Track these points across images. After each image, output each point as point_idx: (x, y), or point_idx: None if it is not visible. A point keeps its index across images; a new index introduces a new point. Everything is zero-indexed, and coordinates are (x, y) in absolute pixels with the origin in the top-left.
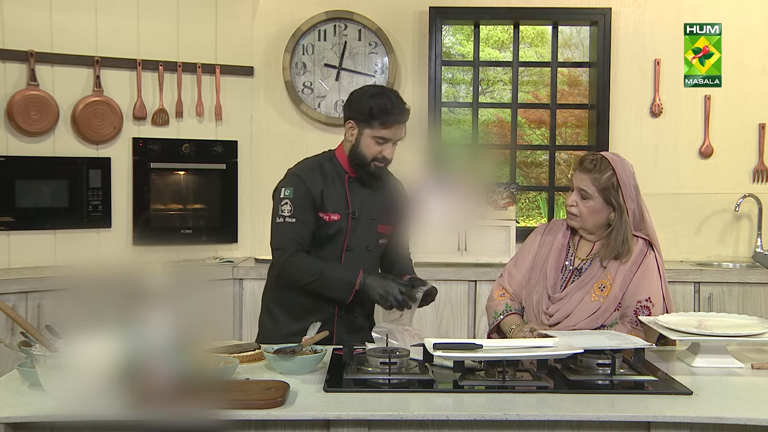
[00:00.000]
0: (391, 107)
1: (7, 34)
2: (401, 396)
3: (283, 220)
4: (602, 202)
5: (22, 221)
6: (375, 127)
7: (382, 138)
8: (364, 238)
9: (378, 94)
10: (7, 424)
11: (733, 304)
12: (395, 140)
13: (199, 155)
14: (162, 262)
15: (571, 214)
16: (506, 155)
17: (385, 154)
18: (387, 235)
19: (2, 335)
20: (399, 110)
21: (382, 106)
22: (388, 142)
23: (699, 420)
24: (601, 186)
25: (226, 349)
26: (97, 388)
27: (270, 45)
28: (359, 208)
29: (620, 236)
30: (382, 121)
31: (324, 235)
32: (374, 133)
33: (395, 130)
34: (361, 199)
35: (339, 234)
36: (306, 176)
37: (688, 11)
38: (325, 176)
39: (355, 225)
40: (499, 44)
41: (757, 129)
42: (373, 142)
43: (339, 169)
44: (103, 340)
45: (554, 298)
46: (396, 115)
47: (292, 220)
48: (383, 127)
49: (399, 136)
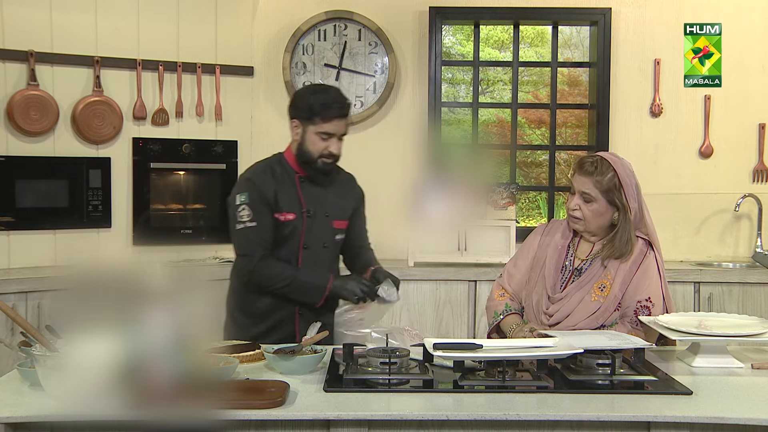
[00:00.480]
0: (331, 102)
1: (7, 34)
2: (401, 396)
3: (244, 225)
4: (606, 204)
5: (22, 221)
6: (317, 123)
7: (325, 133)
8: (320, 235)
9: (318, 90)
10: (7, 424)
11: (733, 304)
12: (339, 135)
13: (199, 155)
14: (162, 262)
15: (573, 218)
16: (506, 155)
17: (331, 149)
18: (343, 231)
19: (2, 335)
20: (339, 104)
21: (322, 101)
22: (332, 137)
23: (699, 420)
24: (604, 188)
25: (226, 349)
26: (97, 388)
27: (270, 45)
28: (313, 206)
29: (624, 236)
30: (323, 116)
31: (280, 235)
32: (317, 129)
33: (337, 124)
34: (314, 196)
35: (294, 233)
36: (258, 179)
37: (688, 11)
38: (276, 178)
39: (310, 223)
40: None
41: (757, 129)
42: (318, 138)
43: (289, 169)
44: (103, 340)
45: (554, 299)
46: (336, 109)
47: (253, 224)
48: (325, 122)
49: (342, 130)
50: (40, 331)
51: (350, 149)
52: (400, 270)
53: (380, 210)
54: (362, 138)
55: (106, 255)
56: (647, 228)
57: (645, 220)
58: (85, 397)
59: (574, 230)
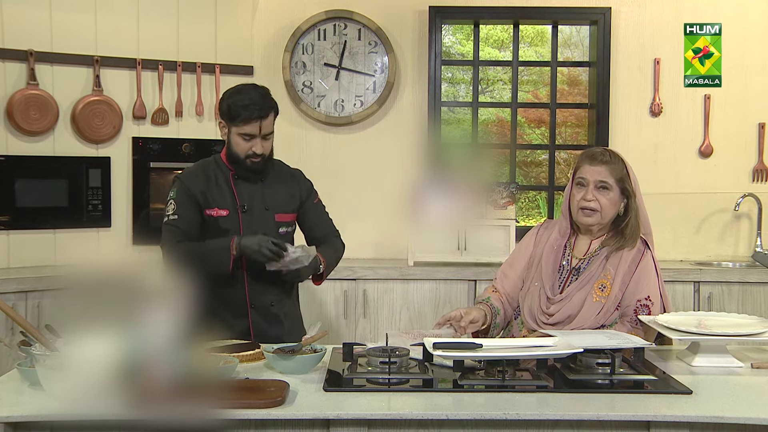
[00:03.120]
0: (248, 104)
1: (7, 34)
2: (401, 395)
3: (167, 218)
4: (619, 193)
5: (22, 221)
6: (237, 125)
7: (247, 134)
8: (261, 229)
9: (236, 92)
10: (7, 424)
11: (733, 303)
12: (262, 135)
13: (198, 155)
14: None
15: (588, 209)
16: (506, 155)
17: (255, 149)
18: (290, 223)
19: (2, 335)
20: (255, 106)
21: (238, 103)
22: (255, 138)
23: (699, 419)
24: (618, 176)
25: (226, 349)
26: (97, 388)
27: (270, 44)
28: (248, 200)
29: (635, 222)
30: (242, 118)
31: (219, 231)
32: (239, 131)
33: (256, 125)
34: (250, 192)
35: (232, 228)
36: (186, 178)
37: (688, 11)
38: (208, 177)
39: (247, 218)
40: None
41: (757, 129)
42: (241, 139)
43: (223, 168)
44: (103, 340)
45: (553, 299)
46: (252, 111)
47: (175, 217)
48: (244, 124)
49: (265, 131)
50: (40, 331)
51: (350, 149)
52: (400, 269)
53: (380, 210)
54: (362, 138)
55: (105, 255)
56: (644, 226)
57: (642, 217)
58: (85, 397)
59: (572, 229)
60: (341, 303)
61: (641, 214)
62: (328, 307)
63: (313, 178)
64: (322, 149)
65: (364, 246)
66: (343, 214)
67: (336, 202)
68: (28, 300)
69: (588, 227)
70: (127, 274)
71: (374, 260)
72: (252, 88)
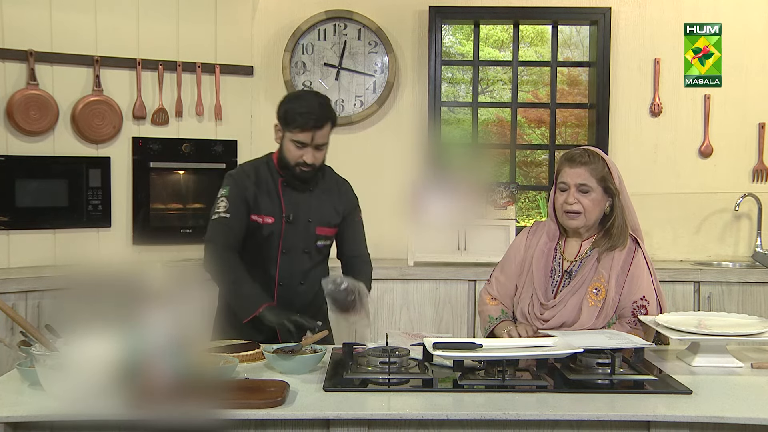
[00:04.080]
0: (305, 111)
1: (6, 34)
2: (401, 396)
3: (218, 215)
4: (602, 192)
5: (22, 221)
6: (292, 131)
7: (299, 142)
8: (300, 240)
9: (296, 97)
10: (7, 424)
11: (733, 303)
12: (315, 145)
13: (198, 155)
14: (162, 261)
15: (572, 213)
16: (506, 155)
17: (305, 158)
18: (328, 237)
19: (2, 335)
20: (312, 114)
21: (296, 109)
22: (307, 146)
23: (699, 419)
24: (599, 175)
25: (225, 349)
26: (97, 388)
27: (270, 44)
28: (294, 211)
29: (621, 221)
30: (296, 124)
31: (260, 237)
32: (292, 137)
33: (310, 134)
34: (297, 201)
35: (272, 237)
36: (239, 178)
37: (688, 11)
38: (259, 180)
39: (290, 228)
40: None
41: (756, 129)
42: (293, 146)
43: (274, 173)
44: (103, 340)
45: (547, 305)
46: (308, 119)
47: (227, 216)
48: (299, 131)
49: (318, 141)
50: (40, 331)
51: (350, 149)
52: (400, 269)
53: (380, 210)
54: (362, 137)
55: (105, 255)
56: (632, 222)
57: (629, 215)
58: (85, 397)
59: (560, 231)
60: None
61: (628, 211)
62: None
63: None
64: None
65: None
66: None
67: None
68: (28, 300)
69: (575, 230)
70: (127, 274)
71: (374, 260)
72: (312, 95)
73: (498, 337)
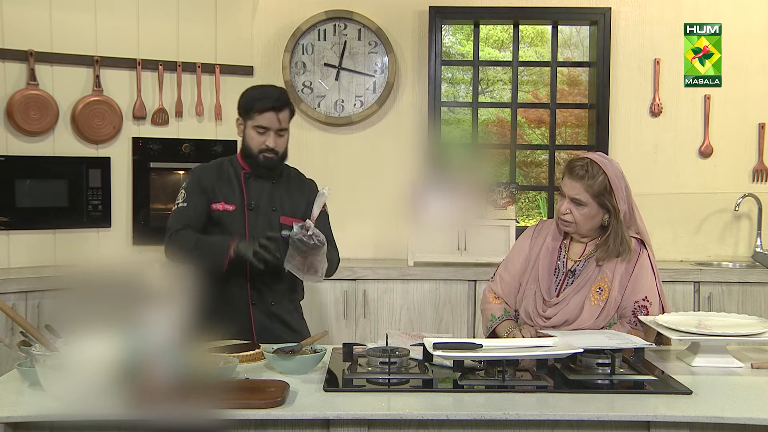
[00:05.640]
0: (263, 97)
1: (6, 34)
2: (401, 396)
3: (176, 206)
4: (597, 207)
5: (22, 221)
6: (252, 117)
7: (261, 127)
8: (266, 229)
9: (254, 87)
10: (7, 424)
11: (733, 303)
12: (275, 129)
13: (198, 155)
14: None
15: (564, 221)
16: (506, 155)
17: (268, 143)
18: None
19: (2, 335)
20: (270, 97)
21: (255, 96)
22: (268, 131)
23: (699, 419)
24: (595, 192)
25: (225, 349)
26: (97, 388)
27: (269, 44)
28: (256, 200)
29: (618, 237)
30: (256, 108)
31: (225, 226)
32: (254, 124)
33: (271, 118)
34: (259, 191)
35: (237, 225)
36: (200, 171)
37: (688, 11)
38: (221, 172)
39: (254, 216)
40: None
41: (756, 129)
42: (255, 132)
43: (237, 167)
44: (103, 340)
45: (550, 303)
46: (268, 101)
47: (184, 205)
48: (258, 115)
49: (278, 125)
50: (40, 331)
51: (350, 149)
52: (400, 270)
53: (380, 210)
54: (362, 138)
55: (105, 255)
56: (638, 227)
57: (636, 219)
58: (85, 397)
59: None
60: (341, 303)
61: (636, 217)
62: (328, 308)
63: (313, 178)
64: (322, 149)
65: (364, 246)
66: (343, 215)
67: (336, 203)
68: (28, 300)
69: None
70: (127, 274)
71: (374, 260)
72: (270, 86)
73: (499, 336)
